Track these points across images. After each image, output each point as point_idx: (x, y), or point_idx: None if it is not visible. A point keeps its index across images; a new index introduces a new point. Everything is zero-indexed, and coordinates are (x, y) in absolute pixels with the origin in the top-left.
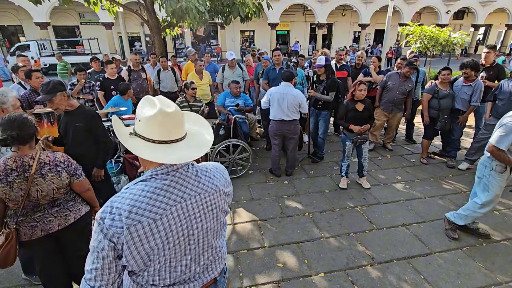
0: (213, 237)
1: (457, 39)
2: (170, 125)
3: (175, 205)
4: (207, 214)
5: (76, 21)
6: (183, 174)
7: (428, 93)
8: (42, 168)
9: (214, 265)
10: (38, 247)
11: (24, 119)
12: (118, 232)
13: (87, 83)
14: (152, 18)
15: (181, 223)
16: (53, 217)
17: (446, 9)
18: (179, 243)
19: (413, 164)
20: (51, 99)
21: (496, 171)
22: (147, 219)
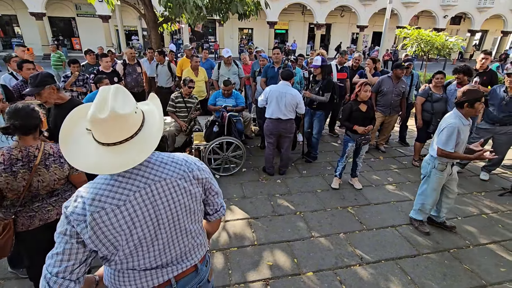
0: (186, 221)
1: (453, 43)
2: (106, 129)
3: (138, 190)
4: (175, 198)
5: (73, 12)
6: (145, 161)
7: (422, 96)
8: (46, 159)
9: (193, 251)
10: (33, 237)
11: (30, 110)
12: (79, 219)
13: (81, 75)
14: (149, 12)
15: (147, 207)
16: (52, 207)
17: (444, 13)
18: (148, 228)
19: (405, 166)
20: (39, 92)
21: (437, 169)
22: (110, 205)
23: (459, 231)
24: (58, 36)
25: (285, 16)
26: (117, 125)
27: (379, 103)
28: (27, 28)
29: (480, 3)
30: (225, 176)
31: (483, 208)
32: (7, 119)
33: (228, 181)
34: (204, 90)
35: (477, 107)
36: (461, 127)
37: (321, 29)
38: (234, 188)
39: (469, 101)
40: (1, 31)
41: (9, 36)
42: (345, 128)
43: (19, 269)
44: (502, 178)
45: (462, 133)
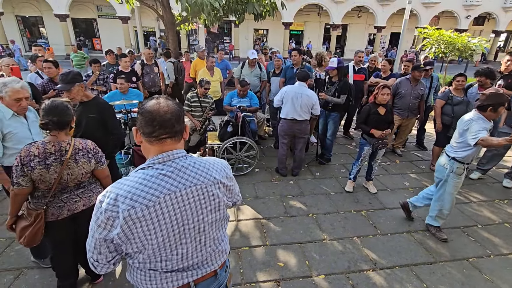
0: (211, 228)
1: (476, 45)
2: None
3: (168, 194)
4: (203, 205)
5: (94, 14)
6: (179, 164)
7: (442, 99)
8: (76, 154)
9: (214, 257)
10: (61, 227)
11: (65, 107)
12: (113, 216)
13: (101, 75)
14: (167, 13)
15: (175, 212)
16: (79, 198)
17: (466, 13)
18: (173, 231)
19: (423, 171)
20: (70, 89)
21: (455, 173)
22: (140, 205)
23: (479, 239)
24: (80, 36)
25: (300, 16)
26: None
27: (396, 106)
28: (52, 29)
29: (506, 2)
30: (238, 176)
31: (506, 216)
32: (44, 115)
33: (240, 181)
34: (219, 90)
35: (500, 111)
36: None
37: (337, 30)
38: (246, 188)
39: (493, 105)
40: (28, 32)
41: (35, 37)
42: (362, 131)
43: (41, 259)
44: None
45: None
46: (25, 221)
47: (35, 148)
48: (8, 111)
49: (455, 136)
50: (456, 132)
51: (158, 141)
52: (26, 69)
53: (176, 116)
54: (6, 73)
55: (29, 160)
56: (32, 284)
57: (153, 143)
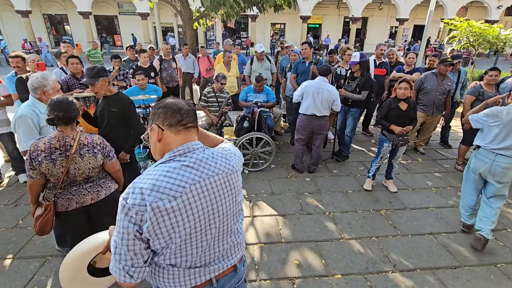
0: (232, 218)
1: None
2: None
3: (193, 183)
4: (226, 194)
5: (115, 11)
6: (200, 155)
7: (472, 95)
8: (81, 149)
9: (234, 250)
10: (71, 218)
11: (70, 102)
12: (142, 210)
13: (122, 70)
14: (185, 9)
15: (201, 201)
16: (87, 192)
17: (498, 3)
18: (199, 222)
19: (447, 170)
20: (94, 83)
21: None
22: (168, 196)
23: (509, 244)
24: (102, 33)
25: (319, 9)
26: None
27: (421, 102)
28: (76, 26)
29: None
30: (254, 172)
31: None
32: (50, 111)
33: (256, 176)
34: (236, 85)
35: None
36: None
37: (357, 23)
38: (262, 184)
39: None
40: (54, 30)
41: (60, 34)
42: (381, 127)
43: (65, 247)
44: None
45: None
46: (39, 211)
47: (42, 143)
48: (42, 106)
49: None
50: None
51: (185, 130)
52: (51, 65)
53: (193, 108)
54: (32, 69)
55: (37, 155)
56: (56, 271)
57: (179, 132)
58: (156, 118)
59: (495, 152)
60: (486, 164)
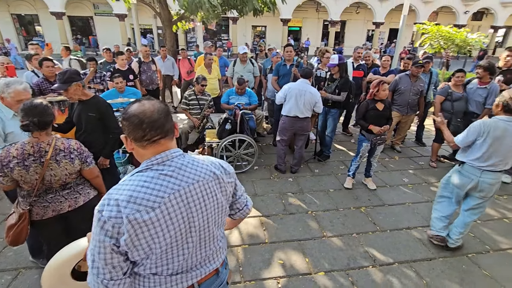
0: (214, 225)
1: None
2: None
3: (172, 193)
4: (207, 201)
5: (90, 11)
6: (178, 163)
7: (441, 95)
8: (57, 155)
9: (216, 255)
10: (48, 227)
11: (45, 107)
12: (118, 222)
13: (98, 73)
14: (164, 11)
15: (181, 210)
16: (64, 199)
17: (465, 9)
18: (180, 231)
19: (422, 167)
20: (67, 88)
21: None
22: (145, 207)
23: (479, 235)
24: (77, 35)
25: (299, 13)
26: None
27: (396, 102)
28: (48, 27)
29: None
30: (237, 174)
31: (505, 212)
32: (23, 116)
33: (239, 178)
34: (217, 87)
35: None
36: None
37: (336, 26)
38: (245, 186)
39: None
40: (24, 31)
41: (31, 35)
42: (360, 127)
43: (39, 258)
44: None
45: None
46: (13, 219)
47: (14, 149)
48: (8, 111)
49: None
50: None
51: (151, 144)
52: (22, 68)
53: (164, 114)
54: (1, 72)
55: (8, 161)
56: (30, 284)
57: (146, 147)
58: (124, 128)
59: (481, 168)
60: (472, 181)
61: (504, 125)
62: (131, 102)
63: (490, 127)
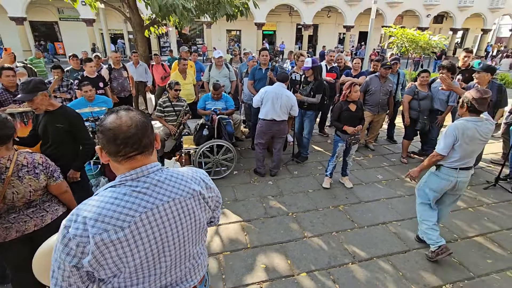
0: (191, 243)
1: (436, 42)
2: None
3: (145, 211)
4: (183, 219)
5: (55, 16)
6: (154, 179)
7: (409, 94)
8: (19, 170)
9: (194, 272)
10: (11, 249)
11: (4, 119)
12: (84, 241)
13: (65, 81)
14: (134, 15)
15: (153, 230)
16: (29, 218)
17: (427, 13)
18: (152, 251)
19: (394, 164)
20: (32, 99)
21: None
22: (114, 227)
23: (447, 225)
24: (40, 41)
25: (272, 17)
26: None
27: (367, 102)
28: (7, 33)
29: (461, 2)
30: (216, 180)
31: (470, 201)
32: None
33: (219, 184)
34: (193, 93)
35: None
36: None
37: (309, 29)
38: (225, 191)
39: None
40: None
41: None
42: (335, 128)
43: (4, 283)
44: (486, 172)
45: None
46: None
47: None
48: None
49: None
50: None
51: (128, 159)
52: None
53: (142, 129)
54: None
55: None
56: None
57: (121, 162)
58: (98, 140)
59: (457, 168)
60: (451, 183)
61: (473, 125)
62: (108, 112)
63: (462, 129)
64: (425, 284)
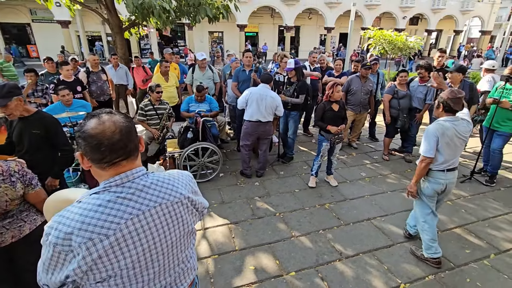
0: (180, 247)
1: (413, 43)
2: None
3: (130, 218)
4: (170, 224)
5: (27, 18)
6: (140, 184)
7: (389, 93)
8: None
9: (183, 276)
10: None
11: None
12: (65, 250)
13: (40, 85)
14: (113, 17)
15: (139, 237)
16: (6, 229)
17: (403, 15)
18: (138, 258)
19: (376, 161)
20: (6, 104)
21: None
22: (98, 235)
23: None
24: (11, 43)
25: (254, 19)
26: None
27: (349, 102)
28: None
29: (434, 4)
30: (202, 182)
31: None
32: None
33: (205, 187)
34: (176, 95)
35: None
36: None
37: (291, 31)
38: (212, 194)
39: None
40: None
41: None
42: (319, 128)
43: None
44: (462, 166)
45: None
46: None
47: None
48: None
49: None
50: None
51: (112, 165)
52: None
53: (127, 134)
54: None
55: None
56: None
57: (105, 169)
58: (79, 146)
59: (444, 170)
60: (442, 186)
61: (451, 125)
62: (87, 117)
63: (442, 129)
64: (409, 276)
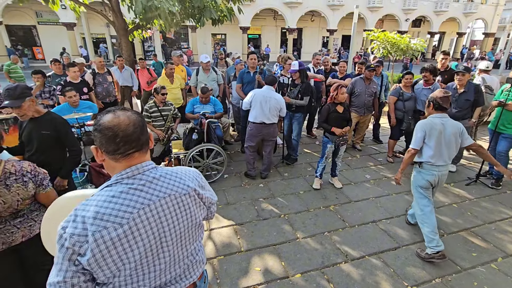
0: (189, 239)
1: (416, 45)
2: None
3: (142, 208)
4: (179, 215)
5: (33, 20)
6: (150, 176)
7: (394, 95)
8: (7, 179)
9: (192, 269)
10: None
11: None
12: (81, 240)
13: (47, 87)
14: (118, 19)
15: (151, 226)
16: (16, 229)
17: (405, 17)
18: (151, 247)
19: (380, 163)
20: (20, 105)
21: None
22: (113, 224)
23: None
24: (18, 45)
25: (257, 21)
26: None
27: (353, 104)
28: None
29: (437, 7)
30: None
31: (453, 197)
32: None
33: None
34: (181, 97)
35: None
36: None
37: (293, 33)
38: (217, 195)
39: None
40: None
41: None
42: (324, 130)
43: None
44: (467, 169)
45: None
46: None
47: None
48: None
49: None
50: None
51: (126, 157)
52: None
53: (140, 128)
54: None
55: None
56: None
57: (119, 160)
58: (95, 139)
59: (434, 164)
60: (435, 177)
61: (439, 121)
62: (103, 112)
63: (430, 125)
64: (415, 279)
